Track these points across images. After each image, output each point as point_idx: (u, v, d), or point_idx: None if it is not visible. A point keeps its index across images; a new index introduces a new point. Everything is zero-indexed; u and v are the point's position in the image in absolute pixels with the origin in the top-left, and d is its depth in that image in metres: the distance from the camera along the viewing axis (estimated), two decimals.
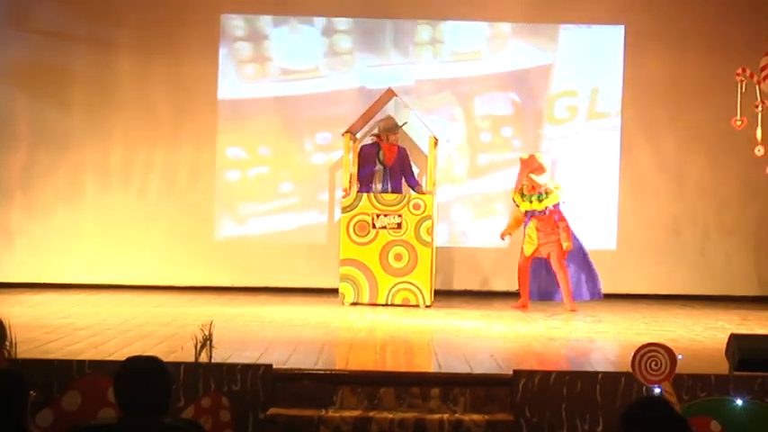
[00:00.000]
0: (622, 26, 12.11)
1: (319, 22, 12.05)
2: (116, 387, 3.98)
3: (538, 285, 10.73)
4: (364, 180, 11.01)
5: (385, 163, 11.00)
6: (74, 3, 11.95)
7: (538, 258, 10.57)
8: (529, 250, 10.49)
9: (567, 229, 10.40)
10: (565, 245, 10.35)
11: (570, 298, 10.43)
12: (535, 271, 10.68)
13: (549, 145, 11.87)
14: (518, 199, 10.56)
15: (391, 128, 10.95)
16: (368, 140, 11.36)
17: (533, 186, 10.40)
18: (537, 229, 10.43)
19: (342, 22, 12.07)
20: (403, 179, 11.09)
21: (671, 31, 12.07)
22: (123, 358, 4.22)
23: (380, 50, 12.05)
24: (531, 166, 10.46)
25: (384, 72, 11.88)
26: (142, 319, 9.00)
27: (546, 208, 10.41)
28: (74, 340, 7.58)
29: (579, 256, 10.65)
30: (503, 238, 10.89)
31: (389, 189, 10.95)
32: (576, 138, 12.10)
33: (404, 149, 11.15)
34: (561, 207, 10.47)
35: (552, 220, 10.41)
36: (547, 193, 10.42)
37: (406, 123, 11.16)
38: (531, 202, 10.44)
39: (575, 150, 12.09)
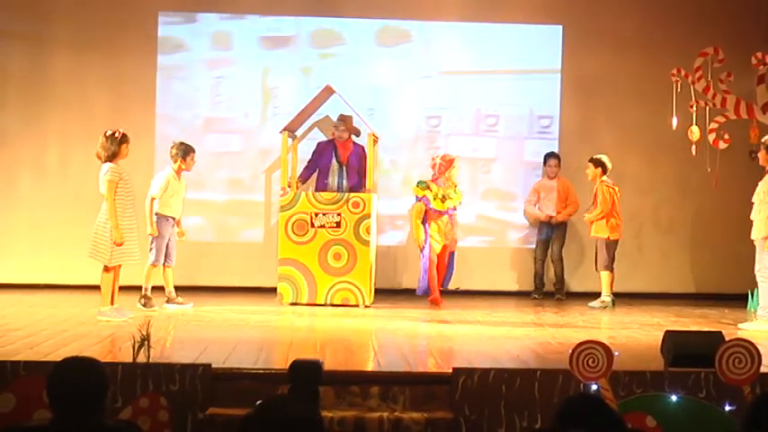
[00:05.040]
0: (560, 26, 12.22)
1: (254, 19, 12.03)
2: (48, 387, 3.94)
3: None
4: (320, 175, 11.01)
5: (340, 160, 11.00)
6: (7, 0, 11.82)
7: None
8: (439, 248, 10.73)
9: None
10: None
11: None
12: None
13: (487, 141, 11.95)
14: (428, 190, 10.73)
15: (338, 121, 11.00)
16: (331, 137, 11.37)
17: (443, 180, 10.70)
18: (442, 229, 10.71)
19: (276, 21, 12.07)
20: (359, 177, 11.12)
21: (608, 32, 12.20)
22: (59, 359, 4.17)
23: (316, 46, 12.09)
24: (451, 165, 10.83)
25: (324, 68, 11.90)
26: (79, 319, 8.90)
27: (450, 208, 10.76)
28: (8, 341, 7.47)
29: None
30: None
31: (344, 187, 10.94)
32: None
33: (362, 148, 11.13)
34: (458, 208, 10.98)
35: (452, 219, 10.85)
36: (454, 191, 10.76)
37: (350, 117, 11.10)
38: (440, 199, 10.67)
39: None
